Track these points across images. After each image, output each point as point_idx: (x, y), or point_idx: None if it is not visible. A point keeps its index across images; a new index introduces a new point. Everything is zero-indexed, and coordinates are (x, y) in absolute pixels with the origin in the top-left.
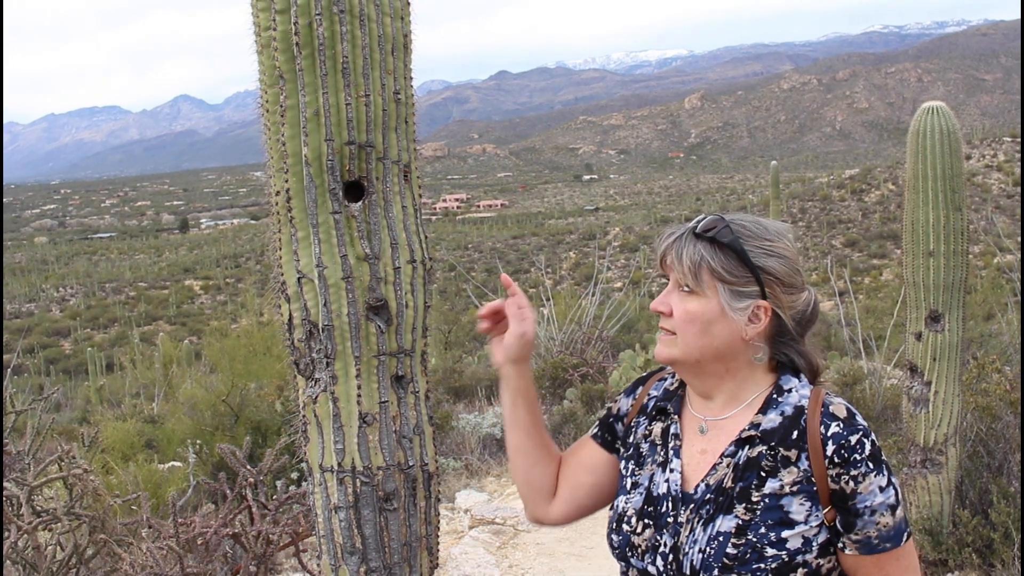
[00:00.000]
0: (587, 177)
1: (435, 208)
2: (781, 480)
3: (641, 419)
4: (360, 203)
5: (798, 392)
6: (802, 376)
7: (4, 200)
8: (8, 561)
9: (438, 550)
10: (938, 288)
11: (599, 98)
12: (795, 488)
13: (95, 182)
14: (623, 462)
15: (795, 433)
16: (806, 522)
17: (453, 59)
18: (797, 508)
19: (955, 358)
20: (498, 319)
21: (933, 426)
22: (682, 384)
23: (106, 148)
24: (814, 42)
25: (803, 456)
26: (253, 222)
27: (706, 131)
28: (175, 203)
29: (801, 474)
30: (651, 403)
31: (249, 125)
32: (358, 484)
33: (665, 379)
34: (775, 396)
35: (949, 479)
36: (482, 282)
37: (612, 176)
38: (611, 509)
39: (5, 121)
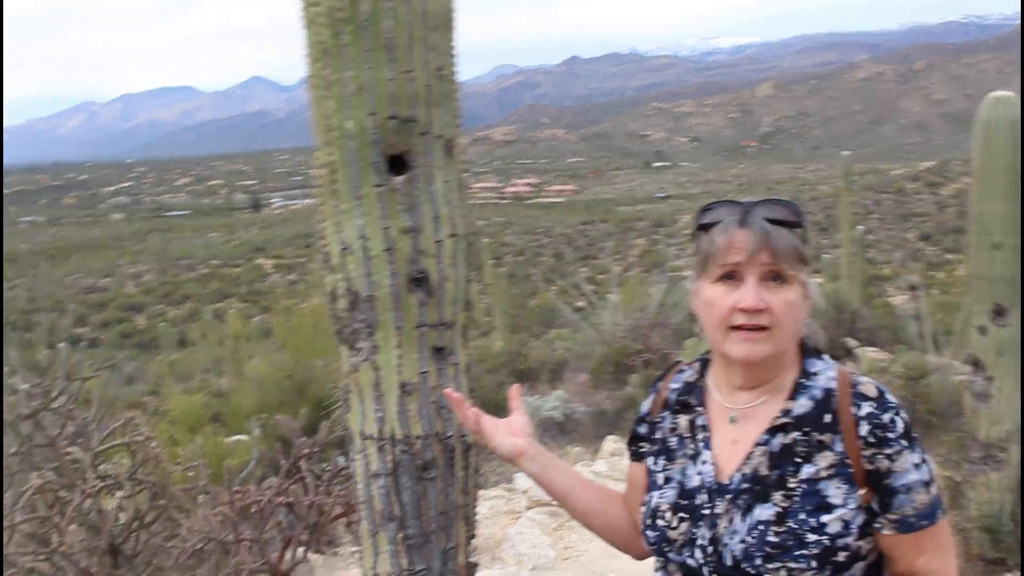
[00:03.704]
0: (658, 164)
1: (504, 192)
2: (817, 465)
3: (664, 414)
4: (403, 177)
5: (825, 375)
6: (825, 357)
7: (82, 177)
8: (74, 524)
9: (475, 520)
10: (1004, 282)
11: (671, 85)
12: (831, 472)
13: (169, 161)
14: (651, 458)
15: (827, 416)
16: (844, 505)
17: (524, 44)
18: (834, 492)
19: (1020, 354)
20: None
21: (995, 422)
22: (702, 375)
23: (179, 128)
24: (891, 32)
25: (837, 439)
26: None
27: (779, 120)
28: (248, 183)
29: (836, 457)
30: (673, 397)
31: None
32: (397, 452)
33: (683, 371)
34: (803, 380)
35: (1011, 476)
36: (550, 268)
37: (683, 164)
38: (643, 505)
39: (83, 99)
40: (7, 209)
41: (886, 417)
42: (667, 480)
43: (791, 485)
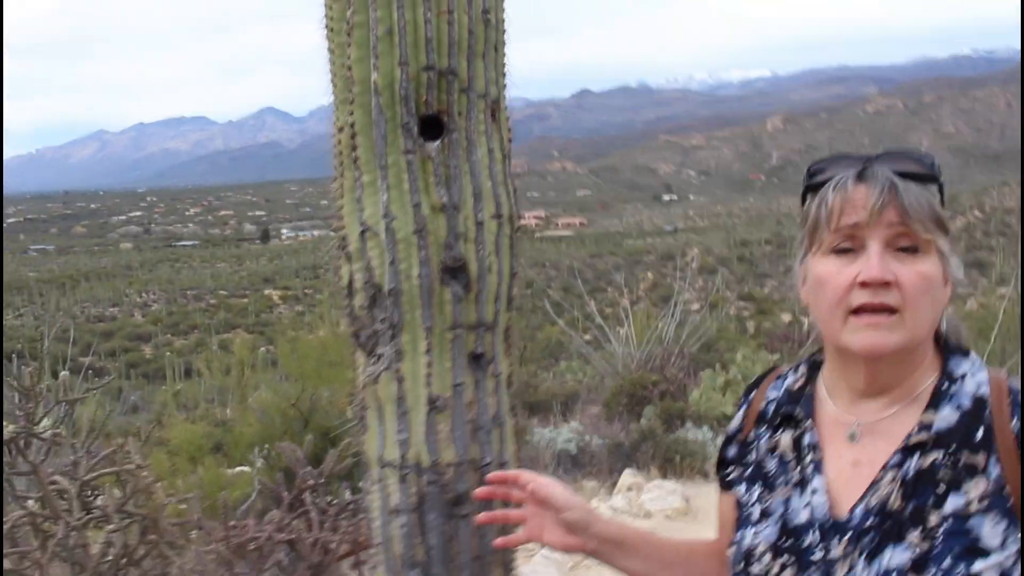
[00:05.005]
0: (667, 197)
1: None
2: (966, 495)
3: (762, 430)
4: (438, 142)
5: (974, 378)
6: (972, 356)
7: (93, 206)
8: (57, 559)
9: (515, 566)
10: None
11: (680, 118)
12: (985, 504)
13: (180, 191)
14: (743, 485)
15: (979, 432)
16: (1003, 547)
17: (535, 76)
18: (990, 530)
19: None
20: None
21: None
22: (810, 380)
23: (192, 158)
24: (900, 65)
25: (992, 460)
26: (333, 234)
27: (788, 153)
28: (257, 213)
29: (992, 485)
30: (771, 408)
31: (332, 137)
32: (424, 483)
33: (784, 376)
34: (946, 386)
35: None
36: (559, 299)
37: (692, 197)
38: (731, 545)
39: (96, 128)
40: (17, 237)
41: None
42: (764, 514)
43: (932, 521)
